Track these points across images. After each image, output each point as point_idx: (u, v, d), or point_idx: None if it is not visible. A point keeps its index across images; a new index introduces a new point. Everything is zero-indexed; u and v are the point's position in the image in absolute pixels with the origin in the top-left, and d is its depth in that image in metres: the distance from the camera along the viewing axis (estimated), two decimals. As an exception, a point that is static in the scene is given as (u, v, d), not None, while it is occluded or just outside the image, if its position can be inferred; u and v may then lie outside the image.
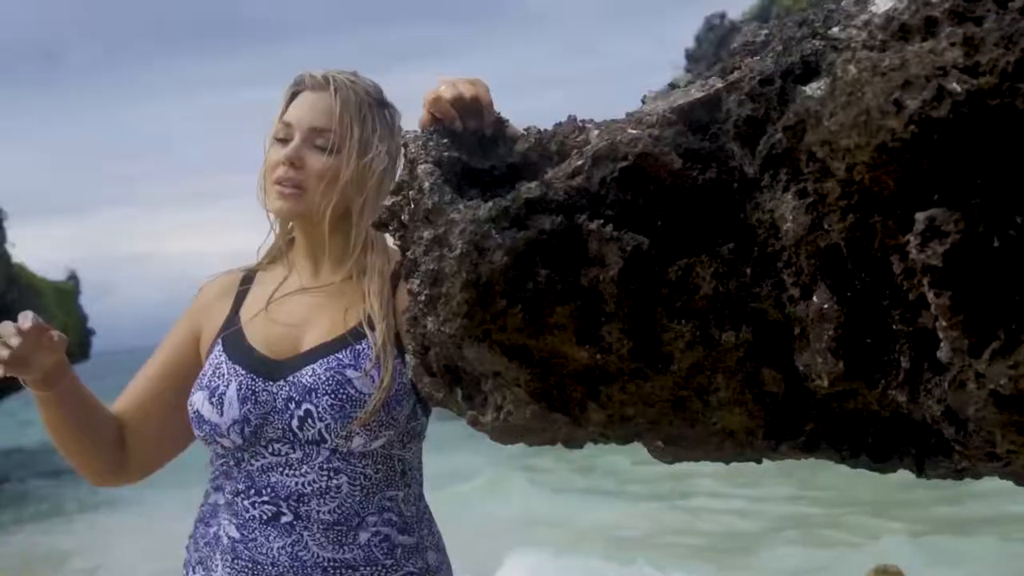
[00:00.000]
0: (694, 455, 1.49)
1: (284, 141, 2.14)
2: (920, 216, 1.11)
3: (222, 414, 2.08)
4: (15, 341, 2.02)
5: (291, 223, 2.23)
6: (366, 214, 2.11)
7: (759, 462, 1.58)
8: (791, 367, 1.42)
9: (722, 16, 22.11)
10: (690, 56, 22.07)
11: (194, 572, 2.13)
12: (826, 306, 1.33)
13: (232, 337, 2.16)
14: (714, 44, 21.72)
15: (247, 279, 2.26)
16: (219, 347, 2.16)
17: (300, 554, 2.03)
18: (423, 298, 1.34)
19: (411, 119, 2.22)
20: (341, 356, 2.06)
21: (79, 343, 21.60)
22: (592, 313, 1.33)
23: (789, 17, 1.51)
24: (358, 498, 2.06)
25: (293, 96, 2.15)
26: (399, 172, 1.48)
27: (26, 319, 2.05)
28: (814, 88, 1.16)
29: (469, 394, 1.45)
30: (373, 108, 2.14)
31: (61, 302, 20.76)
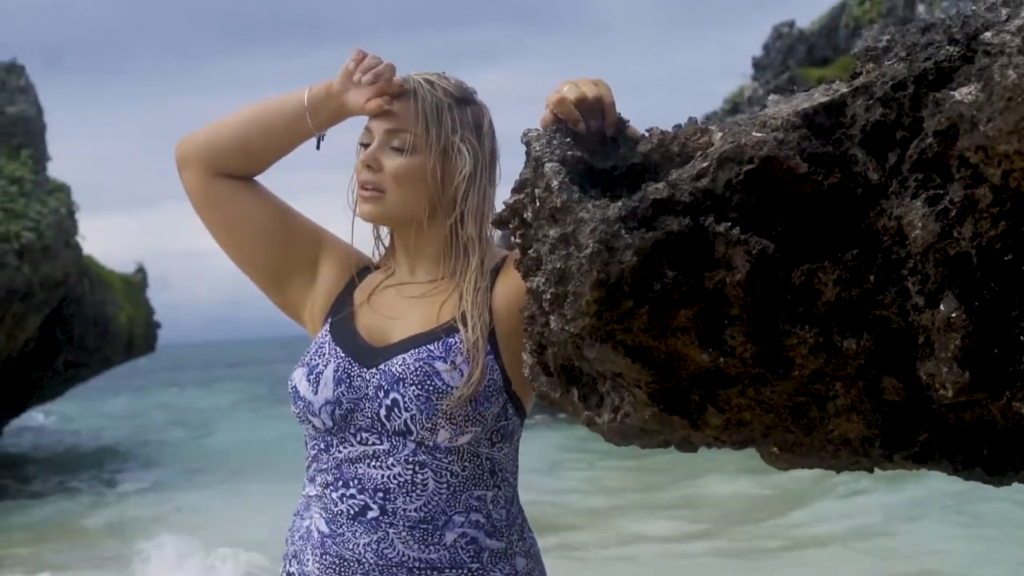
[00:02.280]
0: (809, 462, 1.48)
1: (367, 145, 2.16)
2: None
3: (316, 392, 2.09)
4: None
5: (379, 224, 2.24)
6: (454, 213, 2.12)
7: (871, 471, 1.56)
8: (912, 376, 1.40)
9: (791, 24, 21.93)
10: (757, 64, 21.91)
11: (290, 564, 2.15)
12: (953, 315, 1.31)
13: (341, 320, 2.18)
14: (782, 53, 21.55)
15: (365, 269, 2.28)
16: (327, 327, 2.18)
17: (386, 552, 2.03)
18: (548, 296, 1.34)
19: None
20: (432, 348, 2.06)
21: (146, 336, 21.84)
22: (716, 316, 1.32)
23: (911, 23, 1.50)
24: (444, 496, 2.05)
25: None
26: (523, 171, 1.48)
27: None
28: (964, 93, 1.14)
29: (585, 395, 1.45)
30: (453, 108, 2.14)
31: (129, 294, 20.98)
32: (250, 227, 2.24)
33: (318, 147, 2.24)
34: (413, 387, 2.02)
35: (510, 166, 2.21)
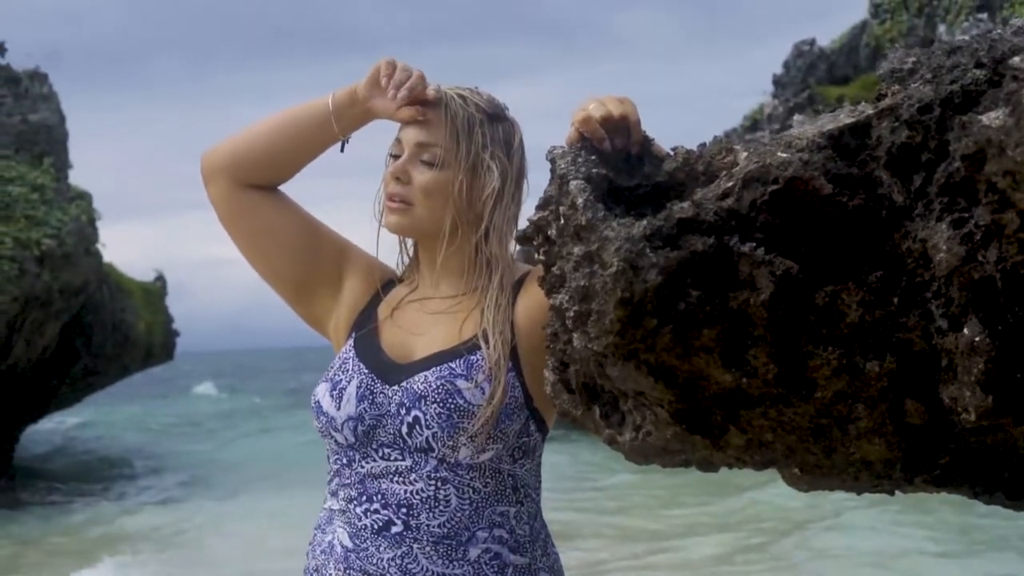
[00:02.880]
0: (830, 484, 1.48)
1: (397, 157, 2.16)
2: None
3: (339, 408, 2.10)
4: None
5: (405, 237, 2.24)
6: (480, 230, 2.12)
7: (892, 494, 1.56)
8: (934, 399, 1.40)
9: (811, 43, 21.89)
10: (777, 82, 21.88)
11: None
12: (977, 339, 1.31)
13: (365, 336, 2.18)
14: (802, 71, 21.51)
15: (390, 283, 2.29)
16: (351, 342, 2.19)
17: (410, 567, 2.03)
18: (571, 314, 1.34)
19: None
20: (453, 365, 2.06)
21: (164, 344, 21.89)
22: (739, 336, 1.32)
23: (937, 45, 1.50)
24: (467, 512, 2.05)
25: None
26: (549, 187, 1.48)
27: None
28: (992, 118, 1.14)
29: (607, 412, 1.45)
30: (484, 123, 2.15)
31: (148, 302, 21.04)
32: (277, 238, 2.25)
33: (342, 150, 2.25)
34: (435, 405, 2.03)
35: (531, 181, 2.22)
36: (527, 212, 1.61)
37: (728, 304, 1.31)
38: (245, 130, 2.26)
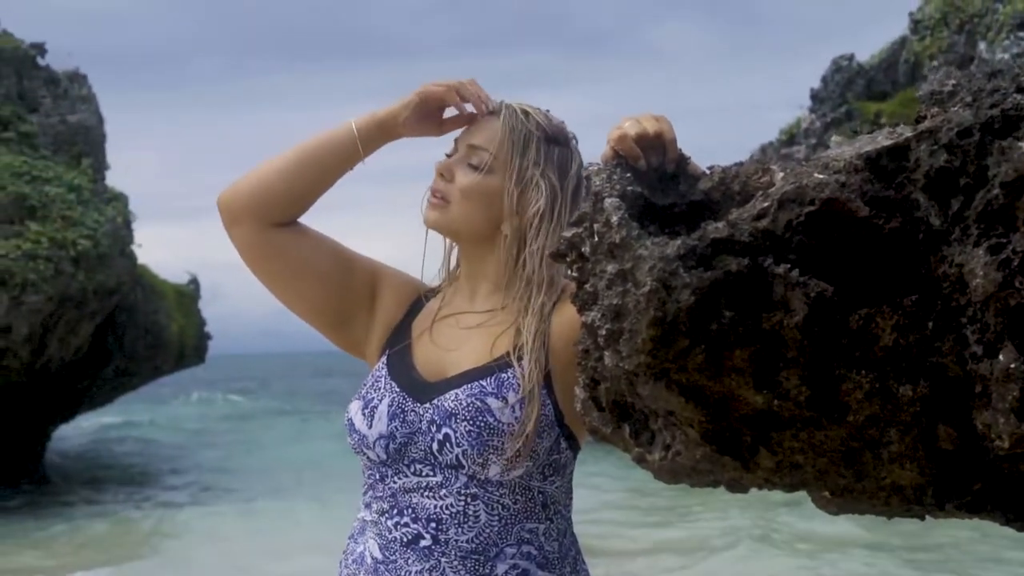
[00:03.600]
0: (860, 508, 1.47)
1: (450, 156, 2.19)
2: None
3: (371, 427, 2.10)
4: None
5: (439, 233, 2.24)
6: (519, 244, 2.12)
7: (923, 519, 1.55)
8: (968, 425, 1.39)
9: (850, 58, 21.81)
10: (815, 96, 21.81)
11: None
12: (1012, 366, 1.30)
13: (399, 353, 2.19)
14: (840, 85, 21.44)
15: (424, 297, 2.29)
16: (384, 360, 2.19)
17: None
18: (603, 332, 1.33)
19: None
20: (484, 384, 2.06)
21: (196, 347, 22.00)
22: (772, 358, 1.32)
23: (977, 68, 1.49)
24: (496, 528, 2.05)
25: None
26: (582, 206, 1.48)
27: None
28: (1032, 144, 1.13)
29: (637, 431, 1.44)
30: (541, 142, 2.15)
31: (181, 305, 21.14)
32: (310, 273, 2.23)
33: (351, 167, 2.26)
34: (465, 423, 2.03)
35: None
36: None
37: (761, 325, 1.31)
38: (265, 168, 2.23)
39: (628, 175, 1.48)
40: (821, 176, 1.38)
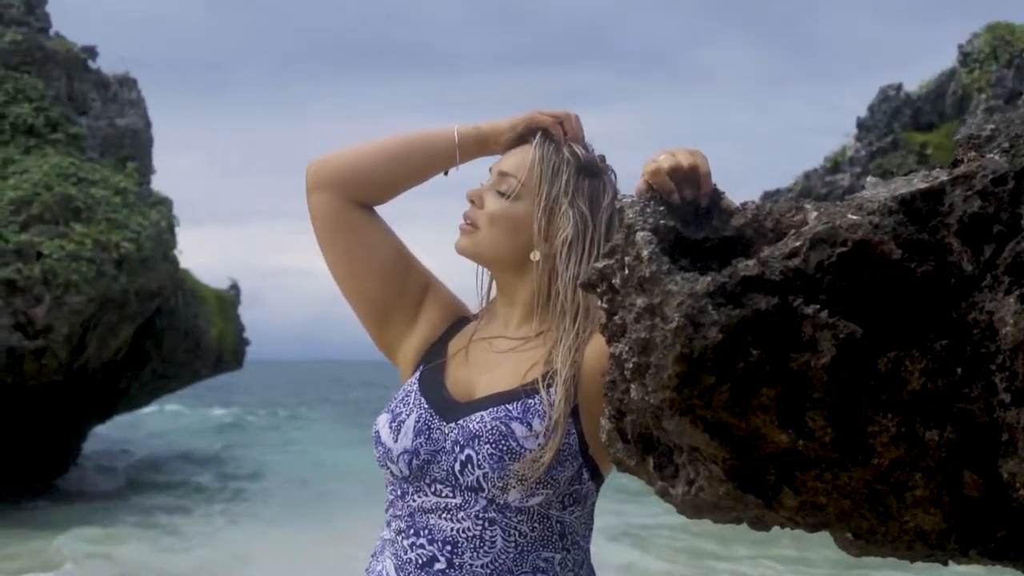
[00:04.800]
0: (883, 552, 1.46)
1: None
2: None
3: (396, 440, 2.11)
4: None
5: (469, 259, 2.25)
6: (551, 273, 2.12)
7: (946, 564, 1.54)
8: (993, 472, 1.38)
9: (898, 87, 21.69)
10: (861, 125, 21.69)
11: None
12: (1040, 415, 1.29)
13: (432, 370, 2.19)
14: (887, 115, 21.32)
15: (464, 319, 2.30)
16: (417, 376, 2.20)
17: None
18: (630, 365, 1.34)
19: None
20: (510, 407, 2.06)
21: (235, 352, 22.11)
22: (798, 398, 1.32)
23: (1016, 113, 1.48)
24: (512, 555, 2.04)
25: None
26: (614, 237, 1.48)
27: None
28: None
29: (661, 464, 1.45)
30: (571, 172, 2.15)
31: (222, 310, 21.26)
32: (373, 259, 2.26)
33: (446, 173, 2.28)
34: (488, 445, 2.03)
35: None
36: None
37: (788, 365, 1.31)
38: (363, 146, 2.26)
39: (661, 208, 1.48)
40: (855, 217, 1.38)
